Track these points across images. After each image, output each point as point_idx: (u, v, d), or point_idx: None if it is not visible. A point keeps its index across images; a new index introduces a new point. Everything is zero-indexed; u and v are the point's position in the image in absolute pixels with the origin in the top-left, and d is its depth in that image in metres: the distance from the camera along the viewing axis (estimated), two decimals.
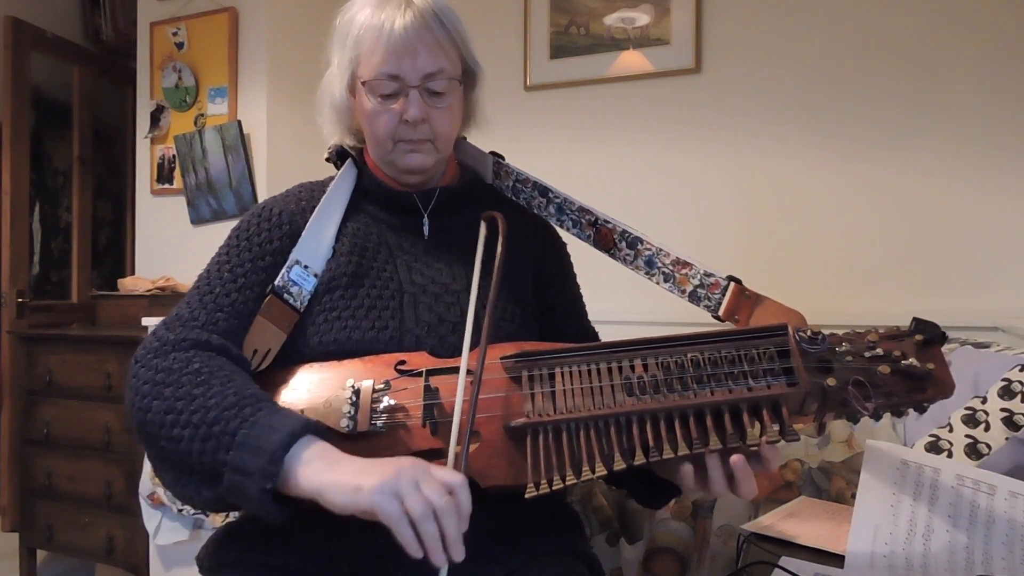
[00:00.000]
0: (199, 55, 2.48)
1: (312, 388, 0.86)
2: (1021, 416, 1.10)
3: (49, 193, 3.17)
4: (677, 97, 2.21)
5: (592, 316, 1.10)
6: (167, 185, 2.55)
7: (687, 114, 2.20)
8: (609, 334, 0.92)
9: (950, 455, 1.14)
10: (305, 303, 0.91)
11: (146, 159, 2.58)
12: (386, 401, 0.81)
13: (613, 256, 1.01)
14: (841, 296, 2.01)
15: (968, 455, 1.12)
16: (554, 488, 0.73)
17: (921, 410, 0.76)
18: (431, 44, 0.91)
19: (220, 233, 0.99)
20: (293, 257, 0.92)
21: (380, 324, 0.89)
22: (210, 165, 2.43)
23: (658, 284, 0.98)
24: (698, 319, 0.97)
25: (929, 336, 0.77)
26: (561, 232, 1.07)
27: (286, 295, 0.90)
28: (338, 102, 0.98)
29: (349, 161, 1.02)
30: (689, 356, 0.78)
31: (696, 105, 2.19)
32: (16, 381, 2.72)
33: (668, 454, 0.73)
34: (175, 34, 2.49)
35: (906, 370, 0.75)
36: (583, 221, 1.02)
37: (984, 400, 1.16)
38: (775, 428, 0.72)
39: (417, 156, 0.94)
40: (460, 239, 0.98)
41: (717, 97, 2.16)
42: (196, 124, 2.47)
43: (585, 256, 1.09)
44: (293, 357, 0.89)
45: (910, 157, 1.97)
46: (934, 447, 1.17)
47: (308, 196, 1.00)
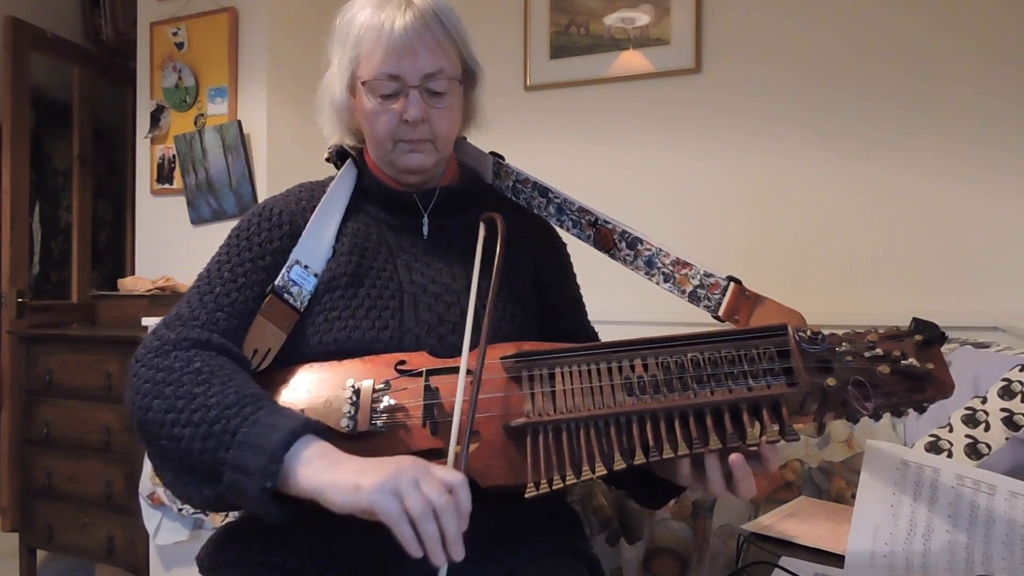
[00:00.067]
0: (199, 55, 2.48)
1: (312, 388, 0.86)
2: (1021, 416, 1.10)
3: (49, 193, 3.17)
4: (677, 97, 2.21)
5: (592, 316, 1.10)
6: (167, 185, 2.55)
7: (687, 114, 2.20)
8: (609, 334, 0.92)
9: (950, 455, 1.14)
10: (305, 303, 0.91)
11: (146, 159, 2.58)
12: (386, 401, 0.81)
13: (613, 256, 1.01)
14: (841, 296, 2.01)
15: (968, 455, 1.12)
16: (554, 488, 0.73)
17: (921, 410, 0.77)
18: (431, 44, 0.91)
19: (220, 233, 0.99)
20: (293, 257, 0.92)
21: (380, 324, 0.89)
22: (210, 165, 2.43)
23: (658, 284, 0.98)
24: (698, 319, 0.97)
25: (929, 336, 0.77)
26: (561, 232, 1.07)
27: (286, 295, 0.90)
28: (338, 102, 0.98)
29: (349, 161, 1.02)
30: (689, 356, 0.78)
31: (696, 105, 2.19)
32: (16, 381, 2.72)
33: (668, 454, 0.73)
34: (175, 34, 2.49)
35: (906, 370, 0.75)
36: (583, 221, 1.02)
37: (984, 400, 1.16)
38: (775, 428, 0.72)
39: (417, 156, 0.95)
40: (460, 239, 0.99)
41: (717, 97, 2.16)
42: (196, 124, 2.47)
43: (585, 256, 1.09)
44: (293, 357, 0.89)
45: (910, 157, 1.97)
46: (934, 447, 1.17)
47: (308, 196, 1.00)
